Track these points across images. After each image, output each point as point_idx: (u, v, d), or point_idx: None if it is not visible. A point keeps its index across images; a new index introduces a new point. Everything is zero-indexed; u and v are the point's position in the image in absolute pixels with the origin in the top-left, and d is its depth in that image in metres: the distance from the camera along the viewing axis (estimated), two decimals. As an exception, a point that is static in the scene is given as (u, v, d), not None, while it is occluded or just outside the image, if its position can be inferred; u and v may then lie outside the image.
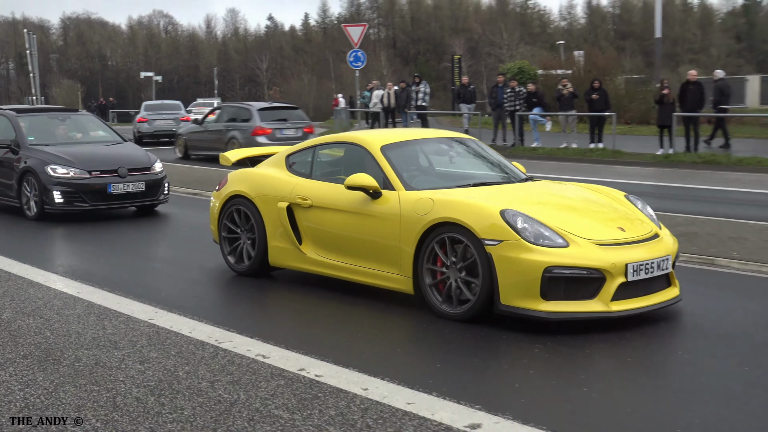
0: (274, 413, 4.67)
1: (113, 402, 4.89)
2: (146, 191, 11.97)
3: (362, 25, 31.29)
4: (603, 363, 5.64)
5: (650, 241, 6.27)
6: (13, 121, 12.65)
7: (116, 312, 6.94)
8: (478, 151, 7.97)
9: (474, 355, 5.83)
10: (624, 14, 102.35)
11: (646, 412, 4.63)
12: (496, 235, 5.88)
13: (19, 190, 11.94)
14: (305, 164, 7.69)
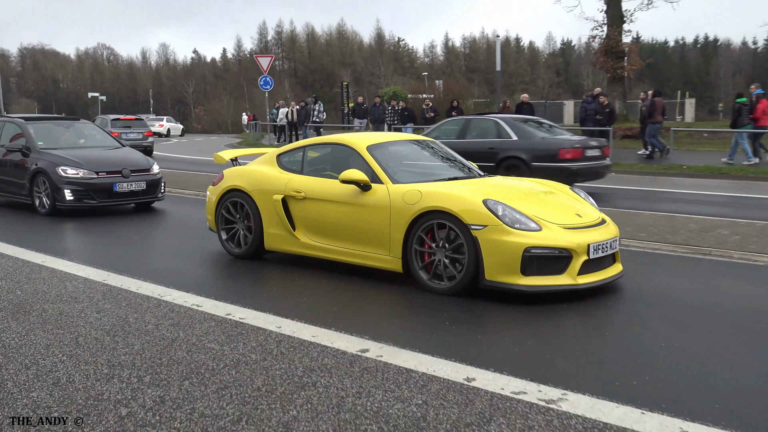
0: (207, 346, 4.67)
1: (76, 341, 4.78)
2: (147, 190, 11.25)
3: (270, 56, 31.00)
4: (570, 324, 5.41)
5: (601, 226, 6.15)
6: (22, 128, 11.75)
7: (75, 275, 6.75)
8: (442, 152, 7.78)
9: (419, 310, 5.87)
10: (472, 53, 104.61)
11: (606, 359, 4.75)
12: (480, 221, 5.65)
13: (31, 189, 11.07)
14: (296, 162, 7.38)
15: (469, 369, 4.24)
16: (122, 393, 3.89)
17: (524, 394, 3.85)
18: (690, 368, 4.33)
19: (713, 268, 7.09)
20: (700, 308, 5.58)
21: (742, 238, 8.36)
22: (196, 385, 4.00)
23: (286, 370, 4.21)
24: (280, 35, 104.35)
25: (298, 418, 3.55)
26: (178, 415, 3.59)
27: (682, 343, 4.78)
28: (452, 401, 3.76)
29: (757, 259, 7.39)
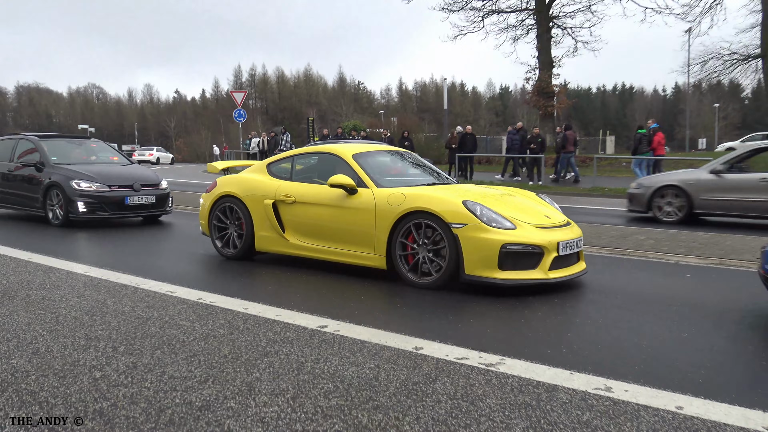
0: (179, 323, 4.51)
1: (56, 320, 4.58)
2: (156, 203, 10.64)
3: (243, 92, 30.86)
4: (509, 305, 5.34)
5: (567, 227, 6.04)
6: (36, 144, 11.08)
7: (58, 269, 6.49)
8: (418, 161, 7.64)
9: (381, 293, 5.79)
10: (423, 95, 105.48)
11: (540, 333, 4.73)
12: (460, 220, 5.50)
13: (44, 202, 10.41)
14: (286, 170, 7.15)
15: (417, 340, 4.16)
16: (97, 360, 3.72)
17: (466, 359, 3.79)
18: (613, 340, 4.33)
19: (632, 265, 7.16)
20: (622, 295, 5.60)
21: (655, 242, 8.48)
22: (167, 353, 3.84)
23: (251, 341, 4.08)
24: (253, 77, 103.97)
25: (261, 379, 3.43)
26: (149, 377, 3.44)
27: (606, 321, 4.79)
28: (402, 365, 3.68)
29: (668, 258, 7.49)
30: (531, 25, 31.95)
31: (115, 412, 3.00)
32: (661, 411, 3.06)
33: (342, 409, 3.06)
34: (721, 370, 3.68)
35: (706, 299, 5.46)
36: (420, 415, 3.00)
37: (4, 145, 11.81)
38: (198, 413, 2.99)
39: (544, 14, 30.80)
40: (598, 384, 3.40)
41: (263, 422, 2.90)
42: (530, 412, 3.04)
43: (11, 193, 11.23)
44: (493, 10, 31.95)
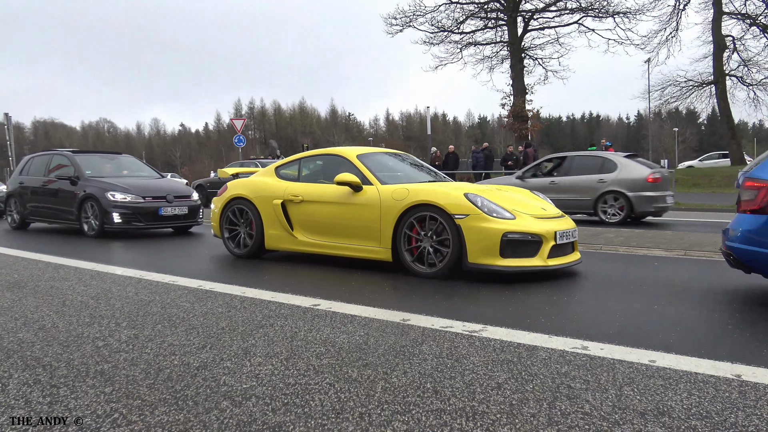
0: (179, 304, 4.39)
1: (62, 303, 4.45)
2: (188, 214, 10.14)
3: (243, 119, 30.79)
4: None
5: (562, 218, 5.92)
6: (71, 159, 10.63)
7: (67, 265, 6.35)
8: (416, 162, 7.51)
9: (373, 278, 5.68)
10: (408, 125, 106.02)
11: (520, 307, 4.62)
12: (463, 211, 5.36)
13: (79, 214, 9.94)
14: (293, 172, 6.97)
15: (405, 314, 4.07)
16: (100, 333, 3.60)
17: (451, 328, 3.70)
18: (587, 312, 4.26)
19: (605, 257, 7.09)
20: (595, 279, 5.53)
21: (625, 239, 8.43)
22: (167, 327, 3.73)
23: (247, 317, 3.98)
24: (252, 110, 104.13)
25: (256, 345, 3.32)
26: (150, 345, 3.33)
27: (581, 298, 4.72)
28: (390, 333, 3.59)
29: (637, 251, 7.45)
30: (505, 56, 32.28)
31: (116, 372, 2.88)
32: (636, 364, 2.98)
33: (333, 366, 2.96)
34: (690, 333, 3.61)
35: (673, 281, 5.40)
36: (407, 370, 2.90)
37: (39, 161, 11.40)
38: (195, 371, 2.88)
39: (516, 46, 31.13)
40: (575, 344, 3.32)
41: (257, 377, 2.79)
42: (512, 366, 2.95)
43: (46, 206, 10.79)
44: (471, 43, 32.28)
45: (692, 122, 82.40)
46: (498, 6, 31.54)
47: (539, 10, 31.55)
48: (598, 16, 30.55)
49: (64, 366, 2.97)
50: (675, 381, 2.74)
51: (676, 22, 32.37)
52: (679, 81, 33.38)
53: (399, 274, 5.77)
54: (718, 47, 31.66)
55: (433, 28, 31.89)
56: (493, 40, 32.54)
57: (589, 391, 2.62)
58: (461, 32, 32.24)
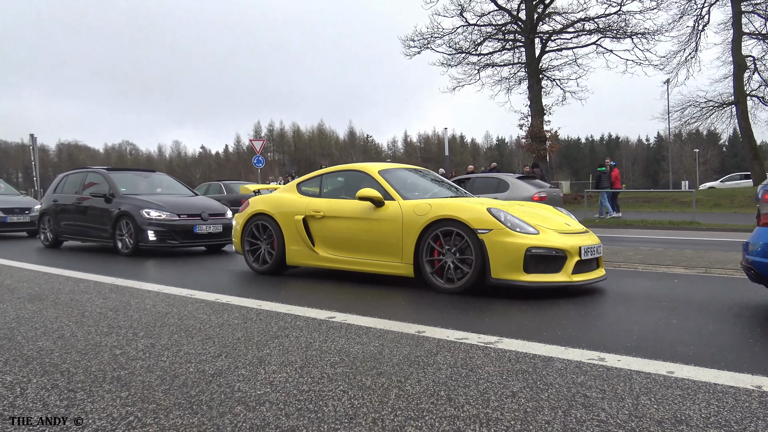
0: (196, 316, 4.43)
1: (82, 314, 4.51)
2: (222, 232, 9.90)
3: (262, 140, 31.16)
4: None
5: (586, 234, 5.83)
6: (106, 177, 10.49)
7: (87, 279, 6.44)
8: (437, 177, 7.44)
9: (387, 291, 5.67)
10: (426, 146, 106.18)
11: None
12: (486, 226, 5.28)
13: (114, 232, 9.77)
14: (315, 188, 6.99)
15: (420, 326, 4.06)
16: (118, 342, 3.64)
17: (466, 339, 3.69)
18: (605, 326, 4.21)
19: (623, 274, 7.00)
20: (614, 294, 5.47)
21: (644, 257, 8.35)
22: (183, 337, 3.76)
23: (263, 328, 4.00)
24: (271, 132, 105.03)
25: (271, 354, 3.34)
26: (166, 354, 3.36)
27: (598, 312, 4.67)
28: (405, 343, 3.58)
29: (656, 269, 7.36)
30: (523, 77, 32.37)
31: (132, 378, 2.91)
32: (653, 375, 2.94)
33: (347, 375, 2.96)
34: (709, 346, 3.55)
35: (693, 297, 5.33)
36: (421, 378, 2.90)
37: (73, 179, 11.32)
38: (210, 378, 2.90)
39: (534, 67, 31.22)
40: (591, 356, 3.29)
41: (272, 384, 2.80)
42: (527, 376, 2.93)
43: (80, 224, 10.65)
44: (488, 64, 32.43)
45: (713, 143, 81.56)
46: (515, 28, 31.72)
47: (557, 32, 31.67)
48: (616, 37, 30.58)
49: (82, 372, 3.01)
50: (693, 391, 2.70)
51: (696, 42, 32.28)
52: (699, 102, 33.15)
53: (416, 288, 5.76)
54: (739, 68, 31.46)
55: (451, 50, 32.14)
56: (511, 61, 32.68)
57: (605, 400, 2.59)
58: (479, 54, 32.44)
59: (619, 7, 29.92)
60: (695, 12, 31.73)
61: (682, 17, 31.43)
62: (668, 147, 60.66)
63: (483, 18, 31.54)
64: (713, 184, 41.85)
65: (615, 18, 30.23)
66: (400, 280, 6.23)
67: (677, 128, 37.03)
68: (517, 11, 31.39)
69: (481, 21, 31.66)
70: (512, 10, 31.40)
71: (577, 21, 30.96)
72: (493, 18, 31.70)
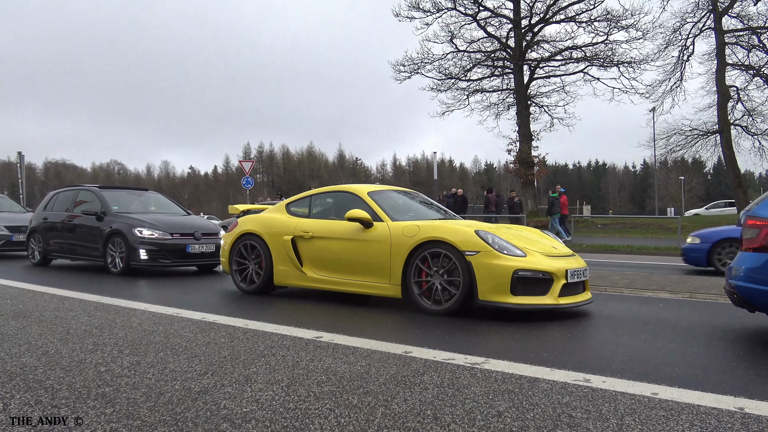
0: (182, 334, 4.40)
1: (67, 332, 4.47)
2: (215, 252, 9.69)
3: (251, 161, 31.33)
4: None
5: (573, 257, 5.86)
6: (98, 194, 10.30)
7: (72, 297, 6.38)
8: (426, 200, 7.48)
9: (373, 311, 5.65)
10: (415, 170, 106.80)
11: (521, 341, 4.59)
12: (473, 248, 5.30)
13: (104, 250, 9.58)
14: (304, 208, 6.99)
15: (407, 347, 4.06)
16: (103, 359, 3.61)
17: (453, 360, 3.69)
18: (590, 348, 4.24)
19: (609, 297, 7.05)
20: (599, 317, 5.50)
21: (630, 281, 8.41)
22: (169, 355, 3.74)
23: (250, 347, 3.98)
24: (261, 153, 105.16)
25: (258, 372, 3.32)
26: (151, 371, 3.33)
27: (584, 334, 4.69)
28: (391, 363, 3.58)
29: (642, 293, 7.41)
30: (511, 103, 32.72)
31: (117, 395, 2.89)
32: (638, 396, 2.96)
33: (334, 393, 2.95)
34: (693, 368, 3.58)
35: (679, 321, 5.37)
36: (408, 398, 2.90)
37: (64, 196, 11.14)
38: (196, 396, 2.88)
39: (522, 93, 31.60)
40: (577, 377, 3.31)
41: (258, 402, 2.79)
42: (513, 396, 2.94)
43: (70, 242, 10.43)
44: (477, 90, 32.77)
45: (698, 171, 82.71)
46: (505, 54, 32.16)
47: (545, 59, 32.13)
48: (603, 66, 31.06)
49: (66, 389, 2.98)
50: (677, 412, 2.72)
51: (681, 72, 32.85)
52: (684, 130, 33.62)
53: (403, 310, 5.76)
54: (723, 97, 32.02)
55: (441, 75, 32.47)
56: (500, 87, 33.06)
57: (590, 420, 2.61)
58: (468, 79, 32.80)
59: (606, 37, 30.45)
60: (680, 42, 32.36)
61: (668, 47, 32.03)
62: (654, 174, 61.31)
63: (472, 45, 31.97)
64: (698, 211, 42.34)
65: (602, 47, 30.75)
66: (387, 302, 6.23)
67: (663, 155, 37.43)
68: (506, 39, 31.86)
69: (471, 47, 32.09)
70: (501, 37, 31.87)
71: (565, 49, 31.45)
72: (483, 45, 32.14)
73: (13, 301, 6.07)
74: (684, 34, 32.26)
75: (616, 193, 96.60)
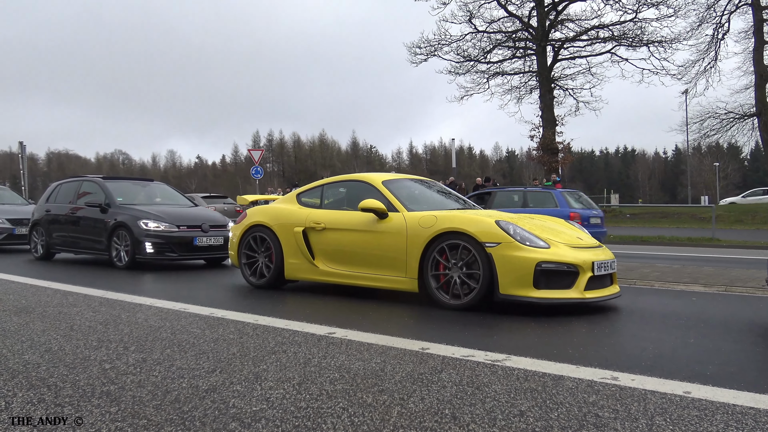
0: (190, 330, 4.44)
1: (71, 328, 4.52)
2: (224, 245, 9.64)
3: (261, 150, 31.39)
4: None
5: (600, 248, 5.80)
6: (102, 186, 10.32)
7: (76, 293, 6.45)
8: (444, 189, 7.44)
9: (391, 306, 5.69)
10: (432, 158, 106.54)
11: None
12: (494, 239, 5.25)
13: (109, 244, 9.58)
14: (315, 199, 6.98)
15: (424, 343, 4.06)
16: (108, 356, 3.65)
17: (472, 357, 3.69)
18: (618, 344, 4.21)
19: (638, 291, 6.98)
20: (628, 311, 5.46)
21: (661, 274, 8.33)
22: (177, 352, 3.77)
23: (259, 344, 4.00)
24: (271, 142, 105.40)
25: (268, 370, 3.34)
26: (158, 368, 3.37)
27: (611, 329, 4.67)
28: (408, 360, 3.59)
29: (674, 287, 7.34)
30: (534, 86, 32.50)
31: (122, 393, 2.92)
32: (669, 395, 2.94)
33: (347, 392, 2.96)
34: (728, 366, 3.55)
35: (713, 315, 5.32)
36: (425, 396, 2.90)
37: (67, 188, 11.17)
38: (204, 394, 2.90)
39: (546, 76, 31.35)
40: (604, 375, 3.29)
41: (268, 401, 2.81)
42: (536, 395, 2.93)
43: (73, 235, 10.47)
44: (498, 72, 32.59)
45: (734, 157, 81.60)
46: (527, 35, 31.90)
47: (569, 39, 31.83)
48: (632, 46, 30.72)
49: (70, 386, 3.02)
50: (711, 412, 2.69)
51: (715, 51, 32.40)
52: (719, 113, 33.20)
53: (420, 304, 5.76)
54: (760, 78, 31.53)
55: (459, 58, 32.32)
56: (522, 69, 32.84)
57: (618, 420, 2.59)
58: (488, 62, 32.61)
59: (635, 15, 30.10)
60: (714, 20, 31.90)
61: (701, 25, 31.61)
62: (687, 160, 60.63)
63: (492, 25, 31.75)
64: (734, 200, 41.78)
65: (630, 25, 30.40)
66: (403, 296, 6.24)
67: (696, 141, 36.97)
68: (528, 18, 31.59)
69: (491, 28, 31.87)
70: (523, 16, 31.60)
71: (591, 28, 31.13)
72: (503, 25, 31.91)
73: (16, 297, 6.16)
74: (719, 11, 31.80)
75: (645, 180, 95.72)
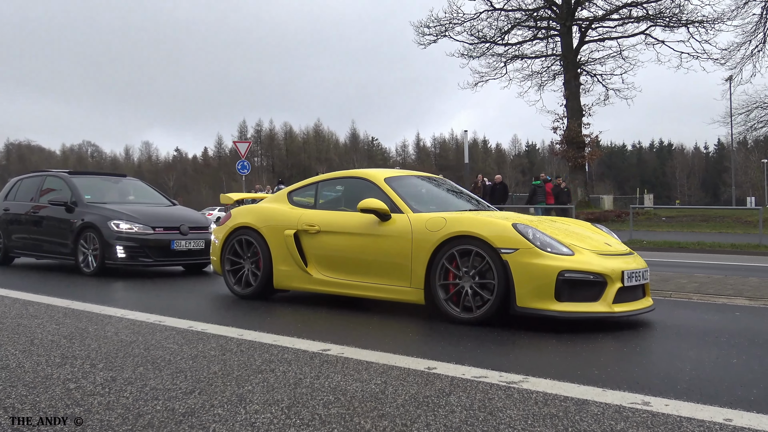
0: (165, 346, 4.45)
1: (31, 342, 4.54)
2: (205, 249, 9.51)
3: (248, 142, 31.37)
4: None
5: (631, 256, 5.76)
6: (67, 181, 10.26)
7: (37, 302, 6.47)
8: (455, 188, 7.46)
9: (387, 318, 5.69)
10: (442, 152, 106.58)
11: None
12: (511, 245, 5.19)
13: (75, 247, 9.47)
14: (309, 198, 6.95)
15: (430, 362, 4.07)
16: (73, 374, 3.67)
17: (485, 378, 3.70)
18: (651, 364, 4.22)
19: (675, 305, 6.98)
20: (662, 327, 5.47)
21: (700, 285, 8.34)
22: (150, 370, 3.78)
23: (244, 361, 4.02)
24: (259, 133, 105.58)
25: (253, 391, 3.35)
26: (129, 389, 3.38)
27: (643, 347, 4.68)
28: (412, 382, 3.59)
29: (714, 300, 7.34)
30: (558, 72, 32.55)
31: (89, 416, 2.93)
32: (707, 422, 2.94)
33: (343, 416, 2.97)
34: (775, 390, 3.55)
35: (759, 332, 5.32)
36: (431, 422, 2.90)
37: (28, 184, 11.14)
38: (181, 418, 2.91)
39: (571, 60, 31.38)
40: (634, 399, 3.29)
41: (253, 426, 2.82)
42: (557, 422, 2.93)
43: (35, 237, 10.41)
44: (517, 56, 32.64)
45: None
46: (550, 13, 31.94)
47: (598, 19, 31.86)
48: (669, 26, 30.73)
49: (29, 409, 3.03)
50: (755, 442, 2.69)
51: (763, 33, 32.38)
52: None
53: (426, 318, 5.78)
54: (815, 63, 31.50)
55: (473, 39, 32.38)
56: (544, 52, 32.87)
57: (650, 450, 2.59)
58: (506, 43, 32.66)
59: (673, -9, 30.11)
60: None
61: (747, 3, 31.57)
62: (731, 156, 60.58)
63: (511, 1, 31.80)
64: (784, 201, 41.76)
65: (668, 3, 30.42)
66: (407, 308, 6.25)
67: (742, 134, 37.05)
68: (551, -6, 31.63)
69: (509, 5, 31.92)
70: (546, -8, 31.65)
71: (623, 6, 31.16)
72: (523, 2, 31.95)
73: (-30, 307, 6.18)
74: (768, -13, 31.75)
75: (684, 179, 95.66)
